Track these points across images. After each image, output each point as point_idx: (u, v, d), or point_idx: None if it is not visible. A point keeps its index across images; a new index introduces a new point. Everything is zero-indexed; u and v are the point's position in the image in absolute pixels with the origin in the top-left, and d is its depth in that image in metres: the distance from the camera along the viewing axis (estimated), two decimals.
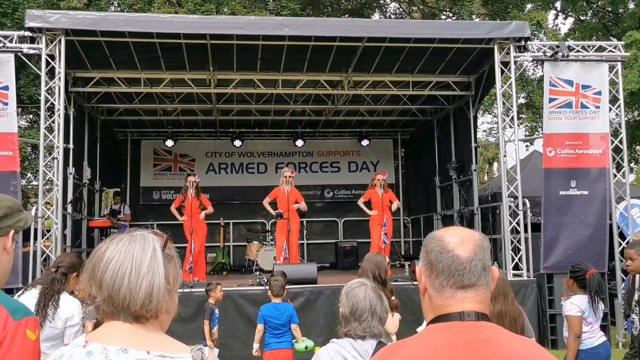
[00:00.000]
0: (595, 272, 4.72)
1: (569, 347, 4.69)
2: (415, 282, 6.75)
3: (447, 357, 1.27)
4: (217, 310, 6.71)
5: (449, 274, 1.37)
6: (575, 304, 4.76)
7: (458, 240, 1.41)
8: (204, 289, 7.11)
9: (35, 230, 8.22)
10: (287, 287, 7.57)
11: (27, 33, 8.45)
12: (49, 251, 8.16)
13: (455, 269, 1.37)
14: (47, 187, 8.62)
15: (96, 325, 4.01)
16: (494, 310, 4.23)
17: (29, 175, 20.96)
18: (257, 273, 10.01)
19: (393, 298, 5.74)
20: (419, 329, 2.77)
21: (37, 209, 8.22)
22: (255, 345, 6.06)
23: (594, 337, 4.72)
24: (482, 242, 1.44)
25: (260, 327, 6.02)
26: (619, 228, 9.51)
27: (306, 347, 6.03)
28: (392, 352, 1.33)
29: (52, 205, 8.49)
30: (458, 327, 1.32)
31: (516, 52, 9.32)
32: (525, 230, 9.08)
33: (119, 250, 1.43)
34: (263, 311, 6.05)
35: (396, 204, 10.60)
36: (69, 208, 9.32)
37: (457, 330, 1.31)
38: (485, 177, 28.52)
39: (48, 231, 8.44)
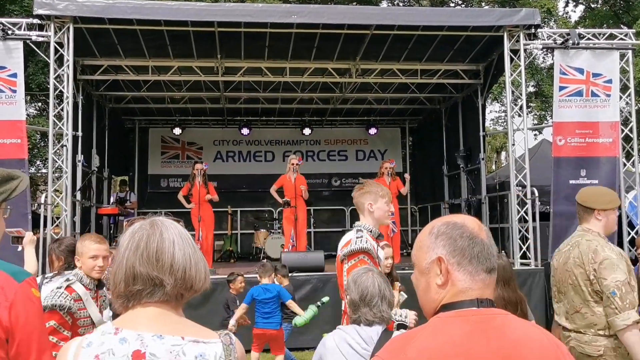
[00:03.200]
0: None
1: None
2: None
3: (464, 346, 1.27)
4: (238, 302, 6.82)
5: (482, 258, 1.40)
6: None
7: (477, 226, 1.44)
8: (211, 277, 7.15)
9: (45, 217, 8.28)
10: (295, 274, 7.64)
11: (35, 20, 8.45)
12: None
13: (486, 253, 1.40)
14: (56, 174, 8.66)
15: None
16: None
17: (38, 162, 21.12)
18: (265, 260, 10.05)
19: (399, 284, 5.79)
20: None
21: (46, 197, 8.27)
22: (232, 321, 6.27)
23: None
24: (486, 227, 1.49)
25: (244, 306, 6.30)
26: (628, 217, 9.47)
27: (312, 314, 6.08)
28: (407, 342, 1.32)
29: (61, 193, 8.54)
30: (472, 314, 1.33)
31: (526, 40, 9.23)
32: (534, 220, 9.04)
33: (173, 232, 1.46)
34: (252, 291, 6.35)
35: (405, 189, 10.57)
36: (78, 195, 9.37)
37: (471, 319, 1.32)
38: (494, 167, 28.43)
39: (57, 218, 8.50)
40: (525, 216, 9.08)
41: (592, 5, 24.62)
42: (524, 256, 9.07)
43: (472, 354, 1.26)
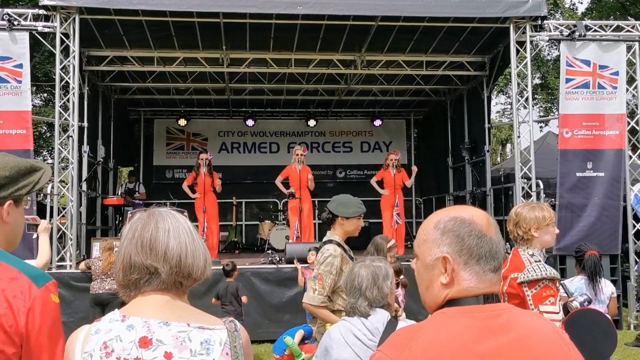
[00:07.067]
0: (593, 253, 4.74)
1: None
2: None
3: (471, 343, 1.25)
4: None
5: (490, 258, 1.33)
6: (564, 284, 4.86)
7: (486, 222, 1.37)
8: (216, 267, 7.18)
9: (51, 207, 8.32)
10: (301, 265, 7.64)
11: (41, 11, 8.46)
12: (65, 228, 8.27)
13: (494, 252, 1.34)
14: (62, 165, 8.70)
15: None
16: None
17: (44, 153, 21.21)
18: (270, 252, 10.09)
19: (402, 277, 5.83)
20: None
21: (52, 187, 8.30)
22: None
23: None
24: (495, 221, 1.43)
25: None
26: (633, 210, 9.44)
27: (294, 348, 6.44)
28: (411, 337, 1.29)
29: (67, 183, 8.58)
30: (478, 311, 1.30)
31: (532, 32, 9.19)
32: None
33: (171, 222, 1.48)
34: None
35: (410, 181, 10.60)
36: (84, 186, 9.41)
37: (477, 315, 1.29)
38: (499, 159, 28.35)
39: (64, 208, 8.55)
40: None
41: None
42: None
43: (479, 350, 1.24)
